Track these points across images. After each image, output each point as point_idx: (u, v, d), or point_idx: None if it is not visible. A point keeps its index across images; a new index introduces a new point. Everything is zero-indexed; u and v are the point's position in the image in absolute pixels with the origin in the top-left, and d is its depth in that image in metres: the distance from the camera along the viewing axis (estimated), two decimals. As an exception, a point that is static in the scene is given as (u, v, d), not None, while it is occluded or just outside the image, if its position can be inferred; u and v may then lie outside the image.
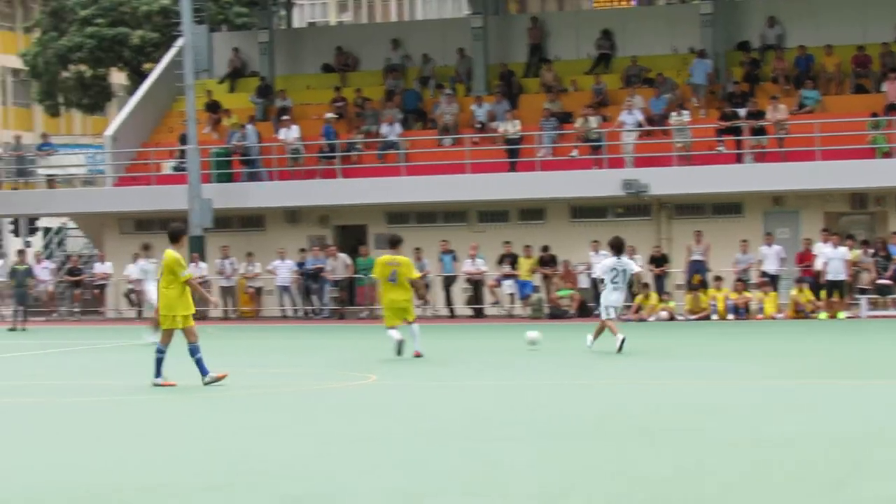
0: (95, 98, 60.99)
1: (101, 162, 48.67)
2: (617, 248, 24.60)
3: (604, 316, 24.41)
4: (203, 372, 18.79)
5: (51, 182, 46.83)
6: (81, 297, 44.23)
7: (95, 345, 28.87)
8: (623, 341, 23.42)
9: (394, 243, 23.57)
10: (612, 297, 24.42)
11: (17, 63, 74.86)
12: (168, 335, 18.95)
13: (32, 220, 53.47)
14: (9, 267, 41.94)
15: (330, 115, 43.68)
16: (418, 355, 23.00)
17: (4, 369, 22.64)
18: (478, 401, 16.65)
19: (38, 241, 53.78)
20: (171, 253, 19.01)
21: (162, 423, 15.06)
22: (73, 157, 52.59)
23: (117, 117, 48.98)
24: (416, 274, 22.83)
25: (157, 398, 17.70)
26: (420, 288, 23.12)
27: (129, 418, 15.54)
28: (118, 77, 66.17)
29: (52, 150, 48.27)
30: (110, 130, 46.47)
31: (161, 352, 18.87)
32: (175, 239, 19.34)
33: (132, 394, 18.25)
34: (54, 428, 14.69)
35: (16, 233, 51.94)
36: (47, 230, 53.84)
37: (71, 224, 50.94)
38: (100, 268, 43.22)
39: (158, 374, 18.88)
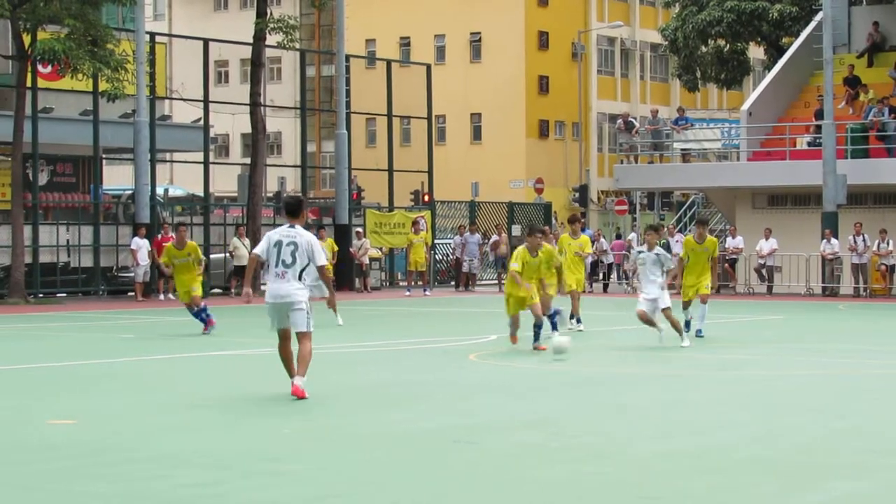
0: (732, 73, 61.24)
1: (736, 136, 48.90)
2: None
3: None
4: None
5: (685, 156, 47.52)
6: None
7: (730, 318, 29.04)
8: None
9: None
10: None
11: (656, 38, 76.45)
12: None
13: (666, 193, 54.46)
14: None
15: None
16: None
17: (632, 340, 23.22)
18: None
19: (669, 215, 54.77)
20: None
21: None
22: (709, 131, 53.09)
23: (753, 92, 49.02)
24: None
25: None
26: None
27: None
28: (755, 51, 66.21)
29: (688, 124, 48.97)
30: (746, 105, 46.58)
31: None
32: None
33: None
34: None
35: (650, 206, 53.17)
36: (680, 204, 54.71)
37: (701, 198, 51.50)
38: (731, 242, 43.42)
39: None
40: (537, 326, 21.08)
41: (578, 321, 25.45)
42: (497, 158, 76.62)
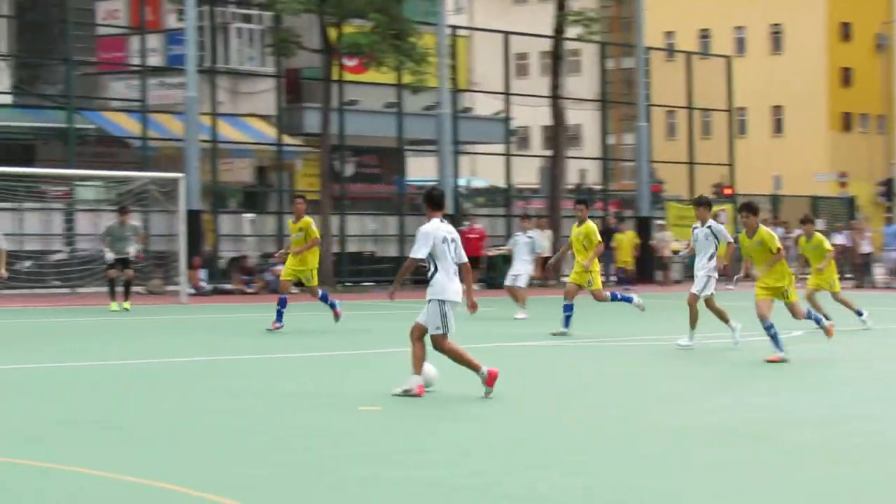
0: None
1: None
2: None
3: None
4: None
5: None
6: None
7: None
8: None
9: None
10: None
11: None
12: None
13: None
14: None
15: None
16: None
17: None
18: None
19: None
20: None
21: None
22: None
23: None
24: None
25: None
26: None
27: None
28: None
29: None
30: None
31: None
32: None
33: None
34: None
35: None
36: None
37: None
38: None
39: None
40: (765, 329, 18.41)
41: (860, 314, 24.34)
42: (799, 152, 75.16)
